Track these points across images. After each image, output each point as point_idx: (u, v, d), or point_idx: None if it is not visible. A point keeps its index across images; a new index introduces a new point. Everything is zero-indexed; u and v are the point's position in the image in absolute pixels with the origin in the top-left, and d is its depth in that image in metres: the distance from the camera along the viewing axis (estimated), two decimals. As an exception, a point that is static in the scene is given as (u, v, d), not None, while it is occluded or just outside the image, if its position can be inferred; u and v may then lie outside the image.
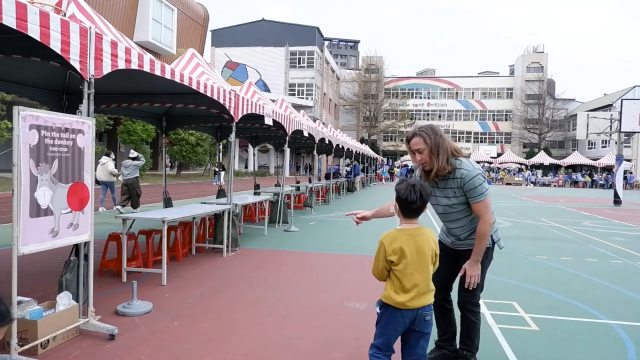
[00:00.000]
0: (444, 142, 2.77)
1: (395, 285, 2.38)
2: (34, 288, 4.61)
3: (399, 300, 2.35)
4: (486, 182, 2.84)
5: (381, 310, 2.44)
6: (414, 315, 2.37)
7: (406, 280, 2.35)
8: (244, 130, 11.19)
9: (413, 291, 2.35)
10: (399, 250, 2.35)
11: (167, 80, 4.57)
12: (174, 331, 3.65)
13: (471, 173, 2.76)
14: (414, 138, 2.81)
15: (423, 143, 2.77)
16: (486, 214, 2.78)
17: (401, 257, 2.35)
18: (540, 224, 11.60)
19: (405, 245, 2.36)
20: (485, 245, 2.82)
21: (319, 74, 47.83)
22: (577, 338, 3.76)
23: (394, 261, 2.36)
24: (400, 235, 2.39)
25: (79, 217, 3.37)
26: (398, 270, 2.36)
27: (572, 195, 25.96)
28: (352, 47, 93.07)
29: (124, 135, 24.42)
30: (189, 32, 33.44)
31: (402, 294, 2.36)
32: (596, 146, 48.99)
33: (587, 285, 5.55)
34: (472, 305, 3.01)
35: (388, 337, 2.41)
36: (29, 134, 2.89)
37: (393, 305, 2.37)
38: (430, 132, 2.78)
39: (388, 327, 2.41)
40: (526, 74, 55.94)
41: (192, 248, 6.77)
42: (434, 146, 2.74)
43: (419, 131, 2.81)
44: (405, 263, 2.35)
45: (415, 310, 2.37)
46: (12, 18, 2.73)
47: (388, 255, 2.37)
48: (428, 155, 2.77)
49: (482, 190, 2.77)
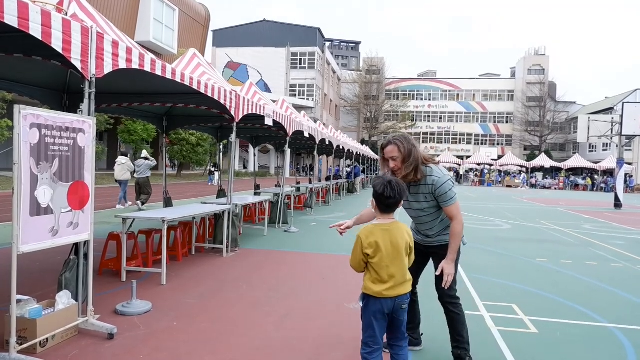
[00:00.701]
0: (416, 151, 2.98)
1: (372, 276, 2.53)
2: (33, 287, 4.61)
3: (376, 290, 2.50)
4: (455, 187, 3.06)
5: (363, 302, 2.57)
6: (392, 304, 2.52)
7: (382, 272, 2.50)
8: (245, 130, 11.20)
9: (390, 282, 2.50)
10: (374, 244, 2.50)
11: (168, 80, 4.57)
12: (174, 331, 3.65)
13: (441, 180, 2.97)
14: (389, 146, 3.00)
15: (397, 151, 2.96)
16: (458, 215, 3.00)
17: (376, 251, 2.50)
18: (541, 227, 11.59)
19: (380, 239, 2.50)
20: (459, 244, 3.03)
21: (320, 75, 47.85)
22: (577, 341, 3.75)
23: (370, 254, 2.50)
24: (376, 230, 2.53)
25: (79, 216, 3.37)
26: (374, 262, 2.51)
27: (572, 198, 25.95)
28: (353, 48, 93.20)
29: (124, 134, 24.44)
30: (190, 32, 33.47)
31: (379, 284, 2.51)
32: (597, 149, 48.97)
33: (587, 288, 5.54)
34: (451, 298, 3.20)
35: (373, 329, 2.53)
36: (30, 133, 2.89)
37: (372, 295, 2.51)
38: (404, 140, 2.98)
39: (370, 317, 2.53)
40: (527, 76, 55.91)
41: (192, 248, 6.77)
42: (407, 154, 2.94)
43: (394, 140, 3.00)
44: (381, 256, 2.49)
45: (393, 299, 2.52)
46: (14, 17, 2.73)
47: (364, 249, 2.52)
48: (401, 162, 2.96)
49: (452, 195, 2.99)
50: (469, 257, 7.19)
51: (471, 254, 7.45)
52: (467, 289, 5.26)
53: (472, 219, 12.82)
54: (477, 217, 13.40)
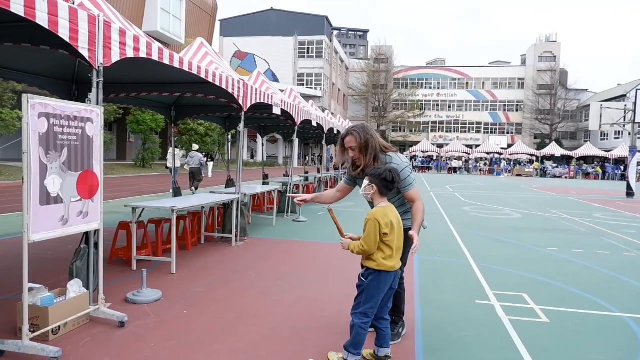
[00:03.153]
0: (374, 141, 3.13)
1: (385, 254, 2.79)
2: (45, 275, 4.66)
3: (390, 265, 2.79)
4: (413, 173, 3.24)
5: (370, 278, 2.81)
6: (396, 275, 2.86)
7: (393, 247, 2.80)
8: (253, 120, 11.18)
9: (397, 256, 2.84)
10: (390, 223, 2.78)
11: (176, 69, 4.55)
12: (183, 319, 3.68)
13: (401, 166, 3.12)
14: (348, 137, 3.16)
15: (355, 141, 3.13)
16: (418, 198, 3.18)
17: (392, 229, 2.79)
18: (551, 216, 11.49)
19: (393, 218, 2.82)
20: (422, 218, 3.14)
21: (328, 64, 47.55)
22: (588, 331, 3.72)
23: (387, 233, 2.76)
24: (387, 211, 2.83)
25: (89, 205, 3.38)
26: (389, 240, 2.77)
27: (583, 187, 25.68)
28: (362, 36, 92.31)
29: (133, 125, 24.54)
30: (198, 22, 33.36)
31: (390, 260, 2.79)
32: (609, 137, 48.30)
33: (599, 277, 5.48)
34: (401, 279, 3.37)
35: (377, 301, 2.82)
36: (38, 122, 2.89)
37: (386, 270, 2.78)
38: (361, 131, 3.15)
39: (378, 290, 2.81)
40: (538, 63, 55.07)
41: (201, 237, 6.80)
42: (364, 144, 3.11)
43: (352, 130, 3.17)
44: (394, 234, 2.80)
45: (397, 270, 2.86)
46: (20, 6, 2.72)
47: (382, 229, 2.75)
48: (358, 152, 3.14)
49: (411, 181, 3.17)
50: (478, 246, 7.15)
51: (481, 244, 7.41)
52: (477, 278, 5.23)
53: (481, 209, 12.74)
54: (487, 207, 13.31)
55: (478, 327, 3.70)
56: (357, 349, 2.84)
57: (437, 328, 3.64)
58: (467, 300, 4.39)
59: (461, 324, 3.74)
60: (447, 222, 9.80)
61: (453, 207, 12.96)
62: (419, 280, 5.04)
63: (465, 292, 4.68)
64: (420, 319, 3.85)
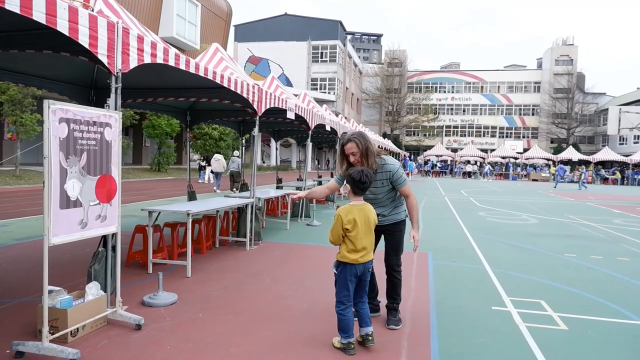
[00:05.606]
0: (371, 147, 3.52)
1: (348, 247, 3.15)
2: (63, 278, 4.74)
3: (352, 258, 3.14)
4: (404, 173, 3.71)
5: (338, 269, 3.21)
6: (362, 268, 3.19)
7: (357, 243, 3.13)
8: (267, 124, 11.23)
9: (363, 251, 3.16)
10: (353, 220, 3.13)
11: (192, 75, 4.60)
12: (199, 322, 3.70)
13: (395, 167, 3.62)
14: (349, 143, 3.49)
15: (356, 147, 3.46)
16: (411, 192, 3.67)
17: (354, 226, 3.12)
18: (569, 222, 11.29)
19: (357, 216, 3.14)
20: (418, 215, 3.70)
21: (342, 68, 47.60)
22: (609, 339, 3.63)
23: (349, 229, 3.12)
24: (353, 209, 3.17)
25: (107, 209, 3.43)
26: (352, 235, 3.13)
27: (601, 192, 25.19)
28: (375, 40, 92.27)
29: (149, 129, 24.85)
30: (213, 28, 33.71)
31: (354, 253, 3.14)
32: (628, 142, 47.33)
33: (619, 284, 5.37)
34: (397, 267, 3.79)
35: (347, 289, 3.18)
36: (59, 127, 2.95)
37: (349, 262, 3.14)
38: (361, 138, 3.50)
39: (345, 280, 3.17)
40: (555, 67, 54.32)
41: (216, 241, 6.84)
42: (364, 150, 3.46)
43: (352, 137, 3.49)
44: (357, 230, 3.13)
45: (363, 264, 3.18)
46: (42, 14, 2.78)
47: (344, 225, 3.11)
48: (359, 157, 3.47)
49: (405, 178, 3.67)
50: (494, 252, 7.06)
51: (498, 249, 7.31)
52: (493, 284, 5.16)
53: (498, 214, 12.58)
54: (504, 212, 13.14)
55: (495, 333, 3.65)
56: (346, 332, 3.17)
57: (453, 334, 3.60)
58: (483, 306, 4.33)
59: (477, 330, 3.70)
60: (462, 227, 9.70)
61: (468, 212, 12.83)
62: (435, 286, 4.99)
63: (481, 298, 4.62)
64: (436, 324, 3.81)
